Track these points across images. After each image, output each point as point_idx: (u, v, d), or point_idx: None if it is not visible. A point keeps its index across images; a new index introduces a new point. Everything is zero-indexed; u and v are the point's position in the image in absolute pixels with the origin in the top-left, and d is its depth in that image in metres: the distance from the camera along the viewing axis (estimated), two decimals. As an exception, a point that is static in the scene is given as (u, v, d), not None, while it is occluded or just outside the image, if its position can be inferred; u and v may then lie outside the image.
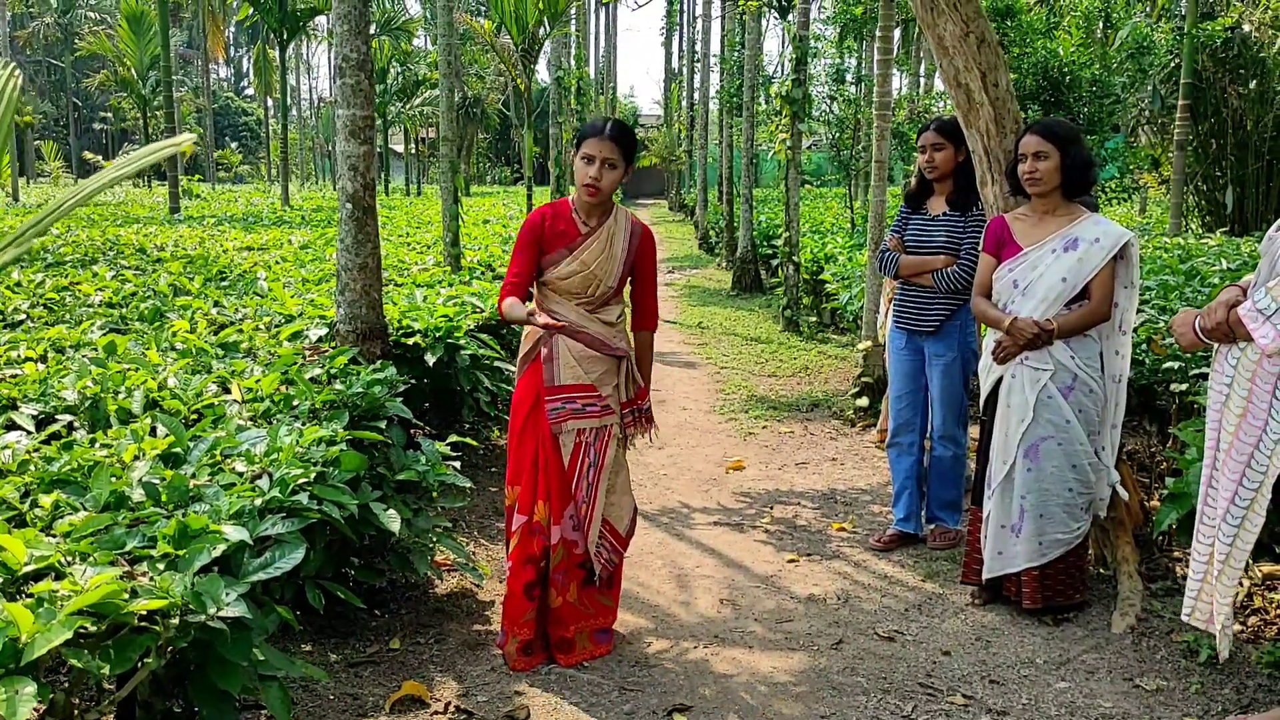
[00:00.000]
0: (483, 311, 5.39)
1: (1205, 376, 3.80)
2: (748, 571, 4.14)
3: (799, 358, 8.66)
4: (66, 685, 2.21)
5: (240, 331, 4.56)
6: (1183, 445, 3.57)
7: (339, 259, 4.25)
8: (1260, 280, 2.64)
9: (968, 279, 4.10)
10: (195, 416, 3.32)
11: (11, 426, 3.12)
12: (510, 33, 13.03)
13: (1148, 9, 12.36)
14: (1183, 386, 4.04)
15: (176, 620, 2.05)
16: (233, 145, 53.28)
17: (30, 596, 1.97)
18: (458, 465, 3.64)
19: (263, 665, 2.30)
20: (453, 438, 3.81)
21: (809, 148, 22.06)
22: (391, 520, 3.11)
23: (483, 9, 32.81)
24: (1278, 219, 3.36)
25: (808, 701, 3.07)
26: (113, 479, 2.49)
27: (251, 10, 21.91)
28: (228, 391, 3.59)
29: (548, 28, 13.18)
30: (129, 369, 3.65)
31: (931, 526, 4.44)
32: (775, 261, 11.50)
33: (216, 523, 2.31)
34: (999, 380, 3.66)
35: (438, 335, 4.76)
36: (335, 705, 2.97)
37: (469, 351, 4.91)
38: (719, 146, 18.30)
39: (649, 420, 3.45)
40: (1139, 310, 4.31)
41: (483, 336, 5.15)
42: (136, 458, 2.71)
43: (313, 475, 2.77)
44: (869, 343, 6.56)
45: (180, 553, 2.18)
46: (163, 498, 2.47)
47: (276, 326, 4.77)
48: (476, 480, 4.78)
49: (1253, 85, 10.94)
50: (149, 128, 31.55)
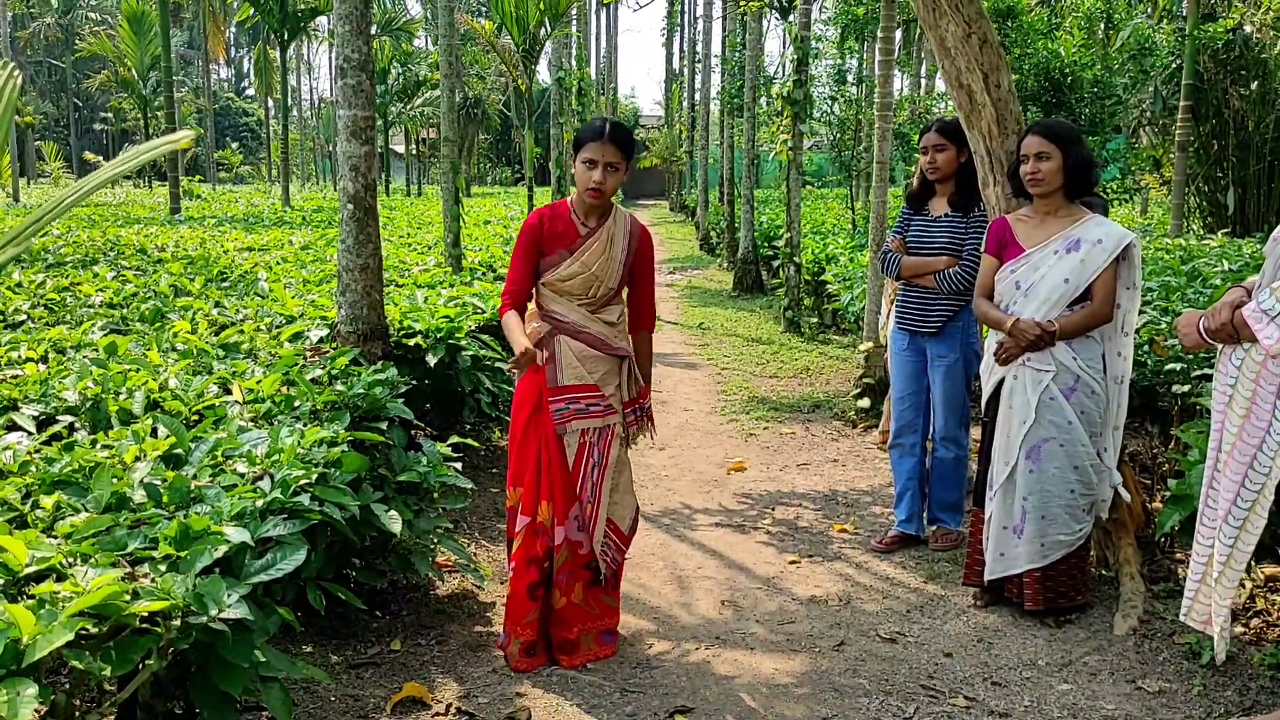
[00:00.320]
0: (484, 312, 5.39)
1: (1207, 378, 3.80)
2: (749, 573, 4.14)
3: (800, 359, 8.65)
4: (68, 686, 2.21)
5: (241, 332, 4.56)
6: (1185, 447, 3.56)
7: (340, 260, 4.25)
8: (1265, 281, 2.64)
9: (969, 280, 4.09)
10: (196, 417, 3.32)
11: (12, 427, 3.12)
12: (511, 33, 13.03)
13: (1149, 10, 12.35)
14: (1185, 388, 4.04)
15: (178, 621, 2.05)
16: (233, 146, 53.31)
17: (31, 598, 1.97)
18: (459, 466, 3.64)
19: (264, 666, 2.30)
20: (454, 439, 3.82)
21: (810, 148, 22.04)
22: (393, 521, 3.11)
23: (484, 9, 32.85)
24: (1280, 220, 3.35)
25: (809, 703, 3.07)
26: (114, 480, 2.49)
27: (252, 11, 21.90)
28: (229, 392, 3.59)
29: (548, 28, 13.18)
30: (130, 370, 3.65)
31: (933, 528, 4.44)
32: (776, 262, 11.49)
33: (218, 524, 2.31)
34: (1001, 381, 3.65)
35: (439, 336, 4.76)
36: (336, 706, 2.97)
37: (470, 352, 4.91)
38: (720, 147, 18.30)
39: (651, 419, 3.46)
40: (1141, 312, 4.30)
41: (484, 337, 5.16)
42: (138, 459, 2.71)
43: (314, 476, 2.77)
44: (870, 344, 6.56)
45: (182, 554, 2.18)
46: (164, 499, 2.47)
47: (277, 327, 4.77)
48: (478, 481, 4.78)
49: (1254, 86, 10.93)
50: (150, 128, 31.55)
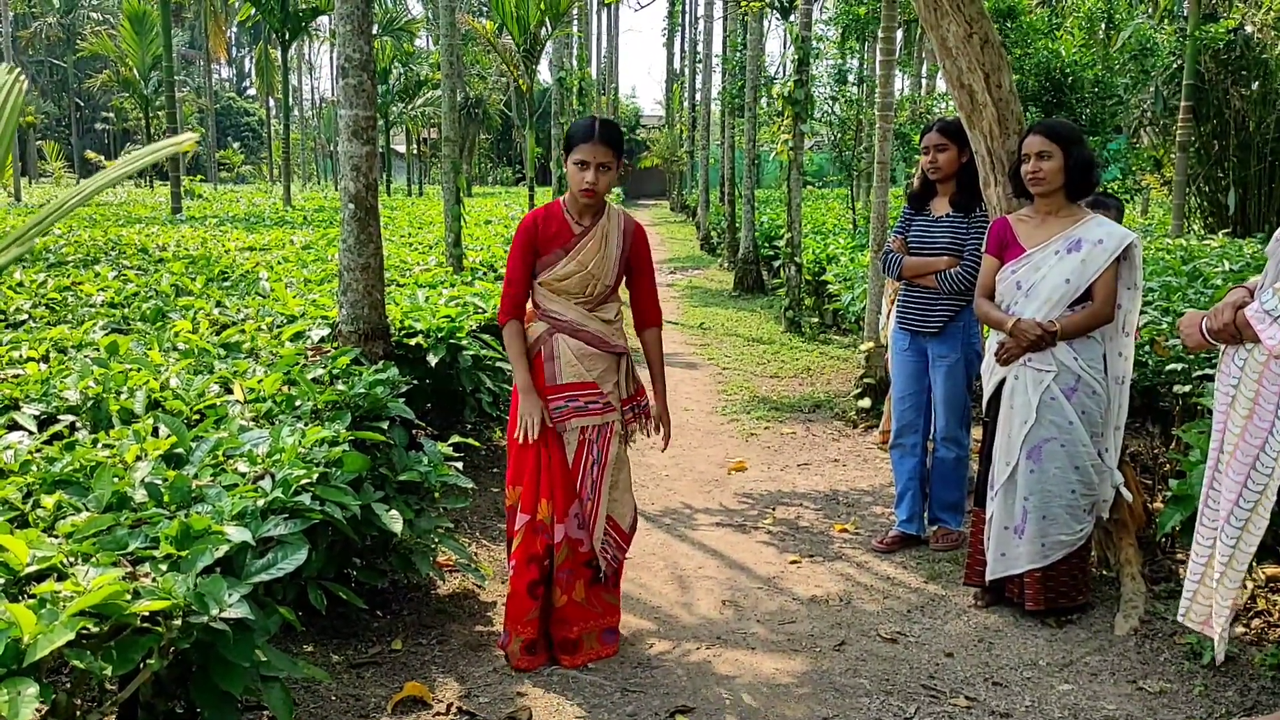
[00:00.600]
0: (485, 312, 5.38)
1: (1209, 378, 3.80)
2: (750, 573, 4.14)
3: (801, 359, 8.65)
4: (69, 686, 2.21)
5: (242, 332, 4.56)
6: (1186, 447, 3.56)
7: (341, 259, 4.25)
8: (1268, 281, 2.64)
9: (970, 280, 4.09)
10: (197, 417, 3.32)
11: (14, 427, 3.12)
12: (512, 33, 13.05)
13: (1150, 10, 12.35)
14: (1186, 388, 4.04)
15: (179, 621, 2.05)
16: (235, 145, 53.35)
17: (32, 597, 1.97)
18: (460, 466, 3.64)
19: (265, 666, 2.30)
20: (455, 438, 3.82)
21: (811, 148, 22.06)
22: (394, 521, 3.11)
23: (485, 9, 32.81)
24: (1282, 221, 3.35)
25: (810, 703, 3.07)
26: (115, 479, 2.49)
27: (253, 10, 21.91)
28: (230, 392, 3.59)
29: (549, 28, 13.20)
30: (131, 369, 3.64)
31: (934, 528, 4.44)
32: (777, 262, 11.48)
33: (219, 524, 2.31)
34: (1002, 381, 3.65)
35: (440, 336, 4.76)
36: (337, 706, 2.97)
37: (471, 352, 4.91)
38: (721, 147, 18.28)
39: (649, 417, 3.46)
40: (1142, 312, 4.30)
41: (485, 337, 5.15)
42: (139, 458, 2.71)
43: (315, 476, 2.77)
44: (871, 344, 6.55)
45: (183, 554, 2.18)
46: (165, 498, 2.47)
47: (279, 327, 4.77)
48: (478, 481, 4.78)
49: (1255, 87, 10.92)
50: (151, 128, 31.58)
